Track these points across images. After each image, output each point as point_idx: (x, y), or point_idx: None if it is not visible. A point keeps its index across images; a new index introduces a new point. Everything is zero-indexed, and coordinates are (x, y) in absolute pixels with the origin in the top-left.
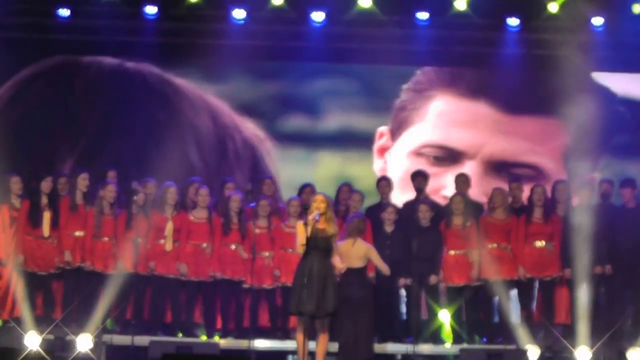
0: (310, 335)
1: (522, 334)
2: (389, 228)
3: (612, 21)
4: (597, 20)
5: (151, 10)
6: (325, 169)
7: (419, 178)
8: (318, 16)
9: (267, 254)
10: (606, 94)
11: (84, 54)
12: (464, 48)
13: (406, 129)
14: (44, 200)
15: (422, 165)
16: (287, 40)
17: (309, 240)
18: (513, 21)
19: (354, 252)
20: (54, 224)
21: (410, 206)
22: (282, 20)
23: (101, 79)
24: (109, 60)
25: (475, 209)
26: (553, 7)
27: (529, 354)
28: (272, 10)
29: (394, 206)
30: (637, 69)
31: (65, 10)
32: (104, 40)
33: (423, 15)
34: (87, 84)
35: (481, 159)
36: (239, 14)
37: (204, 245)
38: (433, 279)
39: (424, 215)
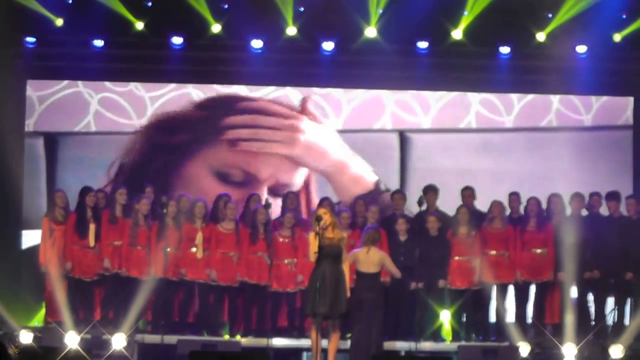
0: (323, 334)
1: (514, 332)
2: (402, 237)
3: (594, 49)
4: (581, 48)
5: (177, 40)
6: None
7: (430, 192)
8: (328, 45)
9: (289, 261)
10: None
11: (116, 80)
12: (460, 74)
13: None
14: (89, 213)
15: None
16: (300, 67)
17: (320, 249)
18: (505, 49)
19: (369, 259)
20: (97, 235)
21: (420, 217)
22: (296, 49)
23: None
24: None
25: (477, 219)
26: (541, 37)
27: (520, 350)
28: (287, 40)
29: (406, 217)
30: (617, 93)
31: (99, 41)
32: (135, 68)
33: (423, 44)
34: None
35: None
36: (257, 43)
37: (232, 253)
38: (442, 283)
39: (433, 225)
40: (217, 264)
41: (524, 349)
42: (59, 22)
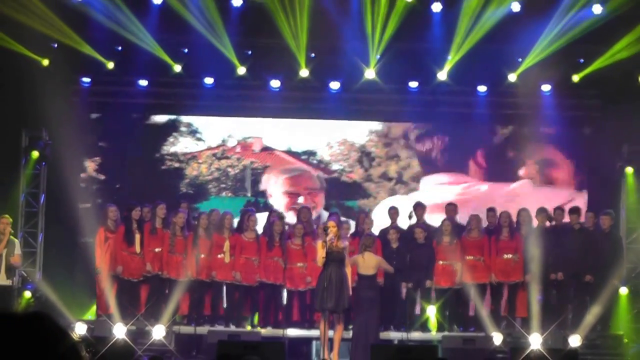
0: (330, 325)
1: (489, 324)
2: (394, 245)
3: (557, 88)
4: (546, 87)
5: (208, 80)
6: None
7: (418, 208)
8: (335, 85)
9: (301, 264)
10: None
11: (158, 113)
12: (446, 109)
13: None
14: (134, 225)
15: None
16: (311, 102)
17: (327, 254)
18: (482, 88)
19: (366, 263)
20: (142, 243)
21: (410, 228)
22: (308, 88)
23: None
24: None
25: (458, 230)
26: (512, 77)
27: (494, 339)
28: (300, 80)
29: (397, 228)
30: (575, 125)
31: (144, 80)
32: (174, 103)
33: (414, 84)
34: None
35: None
36: (275, 83)
37: (253, 258)
38: (428, 283)
39: (419, 235)
40: (241, 267)
41: (498, 338)
42: (110, 65)
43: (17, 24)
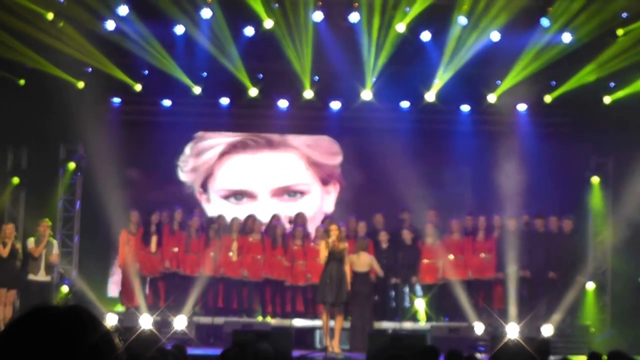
0: (331, 316)
1: (471, 315)
2: (384, 245)
3: (532, 107)
4: (521, 107)
5: (224, 100)
6: None
7: (405, 212)
8: (335, 105)
9: (301, 262)
10: None
11: (180, 131)
12: (433, 126)
13: None
14: (152, 227)
15: None
16: (314, 120)
17: (329, 254)
18: (465, 107)
19: (360, 262)
20: (159, 243)
21: (398, 231)
22: (312, 107)
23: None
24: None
25: (441, 232)
26: (492, 98)
27: (476, 328)
28: (305, 101)
29: (386, 230)
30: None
31: (167, 101)
32: (195, 121)
33: (405, 104)
34: None
35: None
36: (283, 103)
37: (259, 257)
38: (414, 279)
39: (407, 236)
40: (248, 265)
41: (479, 327)
42: (138, 87)
43: (56, 51)
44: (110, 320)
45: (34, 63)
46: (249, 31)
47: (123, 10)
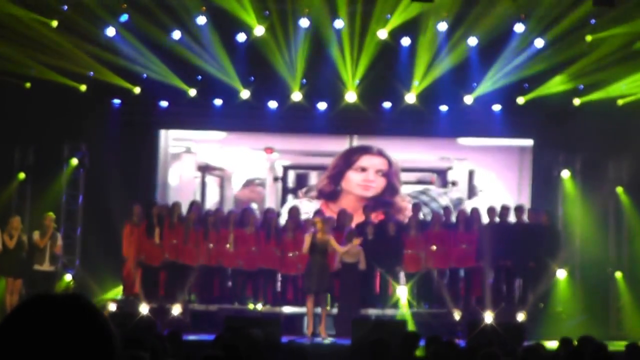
0: (316, 303)
1: (450, 302)
2: (370, 237)
3: (505, 108)
4: (496, 107)
5: (218, 102)
6: None
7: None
8: (322, 105)
9: (292, 253)
10: None
11: (175, 128)
12: (413, 125)
13: None
14: (155, 220)
15: None
16: (302, 120)
17: (312, 245)
18: (443, 107)
19: (349, 253)
20: (161, 235)
21: (383, 223)
22: (300, 108)
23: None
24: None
25: (423, 224)
26: (469, 99)
27: (455, 315)
28: (294, 103)
29: (373, 223)
30: (521, 136)
31: (164, 102)
32: (191, 120)
33: (387, 105)
34: None
35: None
36: (272, 104)
37: (253, 248)
38: (398, 269)
39: (391, 229)
40: (243, 256)
41: (457, 314)
42: (137, 90)
43: (59, 58)
44: (111, 307)
45: (39, 72)
46: (241, 37)
47: (122, 18)
